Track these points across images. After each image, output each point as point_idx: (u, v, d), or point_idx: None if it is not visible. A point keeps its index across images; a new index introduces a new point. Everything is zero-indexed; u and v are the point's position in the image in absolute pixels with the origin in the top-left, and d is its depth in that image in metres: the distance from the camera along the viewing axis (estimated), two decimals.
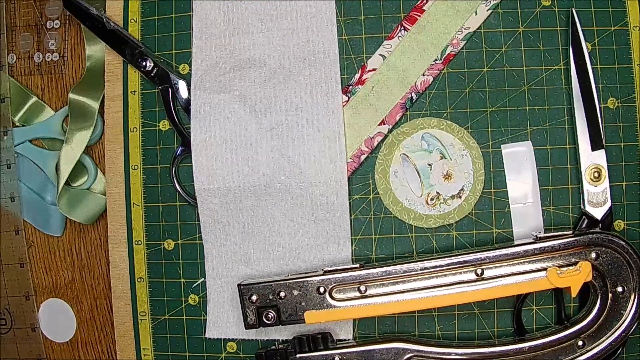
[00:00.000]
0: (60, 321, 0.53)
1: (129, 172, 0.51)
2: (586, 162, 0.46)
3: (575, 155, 0.47)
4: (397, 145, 0.48)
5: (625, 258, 0.43)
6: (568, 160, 0.47)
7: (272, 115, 0.48)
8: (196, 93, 0.49)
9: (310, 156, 0.47)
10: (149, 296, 0.50)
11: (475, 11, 0.47)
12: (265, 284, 0.45)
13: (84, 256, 0.53)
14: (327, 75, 0.48)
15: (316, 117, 0.48)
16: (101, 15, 0.49)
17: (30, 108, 0.53)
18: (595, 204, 0.46)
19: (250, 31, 0.49)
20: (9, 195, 0.52)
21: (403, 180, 0.48)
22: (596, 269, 0.43)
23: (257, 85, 0.48)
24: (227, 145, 0.48)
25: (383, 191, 0.48)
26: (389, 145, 0.48)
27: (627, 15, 0.47)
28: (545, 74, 0.47)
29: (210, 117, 0.49)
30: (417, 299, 0.44)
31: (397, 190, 0.48)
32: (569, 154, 0.47)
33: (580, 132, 0.45)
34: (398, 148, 0.48)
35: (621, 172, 0.47)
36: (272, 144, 0.48)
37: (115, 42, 0.50)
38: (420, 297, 0.44)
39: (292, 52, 0.48)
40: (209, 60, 0.49)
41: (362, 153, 0.48)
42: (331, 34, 0.48)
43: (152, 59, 0.49)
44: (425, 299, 0.43)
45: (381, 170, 0.48)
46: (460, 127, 0.48)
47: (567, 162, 0.47)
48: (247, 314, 0.45)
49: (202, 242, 0.49)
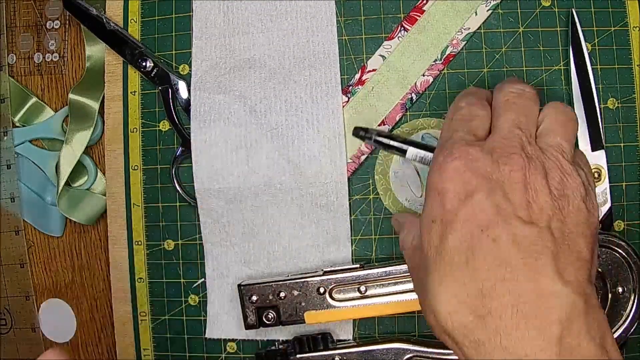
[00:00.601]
0: (60, 321, 0.53)
1: (129, 173, 0.51)
2: None
3: None
4: None
5: (625, 259, 0.43)
6: None
7: (272, 116, 0.48)
8: (196, 93, 0.49)
9: (311, 157, 0.47)
10: (149, 296, 0.50)
11: (475, 11, 0.47)
12: (266, 284, 0.45)
13: (84, 256, 0.53)
14: (327, 75, 0.48)
15: (316, 117, 0.48)
16: (101, 15, 0.49)
17: (30, 108, 0.53)
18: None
19: (250, 31, 0.49)
20: (9, 195, 0.52)
21: (403, 181, 0.48)
22: (596, 270, 0.43)
23: (257, 86, 0.48)
24: (227, 145, 0.48)
25: (383, 191, 0.48)
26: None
27: (627, 15, 0.47)
28: (545, 74, 0.47)
29: (210, 117, 0.49)
30: (418, 299, 0.44)
31: (397, 191, 0.48)
32: None
33: (580, 133, 0.45)
34: None
35: (621, 172, 0.47)
36: (272, 145, 0.48)
37: (115, 42, 0.50)
38: None
39: (292, 53, 0.48)
40: (209, 60, 0.49)
41: (362, 153, 0.48)
42: (331, 35, 0.48)
43: (152, 59, 0.49)
44: None
45: (381, 171, 0.48)
46: None
47: None
48: (247, 314, 0.45)
49: (202, 242, 0.49)
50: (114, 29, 0.49)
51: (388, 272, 0.44)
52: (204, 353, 0.50)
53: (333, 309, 0.45)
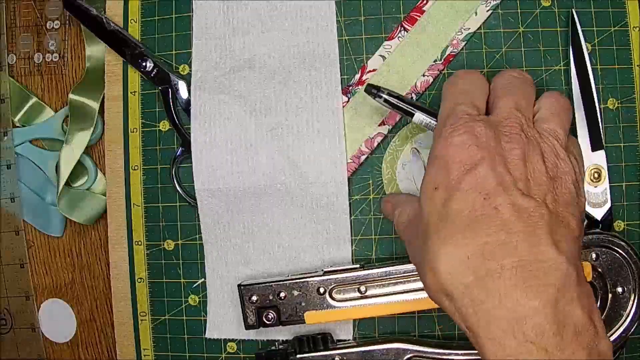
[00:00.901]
0: (60, 321, 0.53)
1: (129, 173, 0.51)
2: (586, 163, 0.46)
3: None
4: (411, 139, 0.48)
5: (625, 259, 0.43)
6: None
7: (272, 116, 0.48)
8: (196, 93, 0.49)
9: (311, 157, 0.47)
10: (149, 296, 0.50)
11: (475, 12, 0.47)
12: (266, 284, 0.45)
13: (84, 257, 0.53)
14: (327, 76, 0.48)
15: (316, 117, 0.48)
16: (101, 15, 0.49)
17: (30, 108, 0.53)
18: (595, 204, 0.46)
19: (250, 31, 0.49)
20: (9, 195, 0.52)
21: (409, 174, 0.48)
22: (596, 270, 0.43)
23: (257, 86, 0.48)
24: (228, 145, 0.48)
25: (387, 180, 0.48)
26: (403, 138, 0.48)
27: (627, 15, 0.47)
28: (545, 74, 0.47)
29: (210, 117, 0.49)
30: (418, 300, 0.44)
31: (402, 183, 0.48)
32: None
33: (580, 133, 0.45)
34: (411, 142, 0.48)
35: (621, 172, 0.47)
36: (272, 145, 0.48)
37: (115, 42, 0.50)
38: (421, 298, 0.44)
39: (292, 53, 0.48)
40: (209, 60, 0.49)
41: (362, 154, 0.48)
42: (331, 35, 0.48)
43: (152, 59, 0.49)
44: (425, 300, 0.43)
45: (390, 160, 0.48)
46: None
47: None
48: (247, 315, 0.45)
49: (202, 243, 0.49)
50: (114, 29, 0.49)
51: (388, 272, 0.44)
52: (204, 353, 0.50)
53: (333, 309, 0.45)
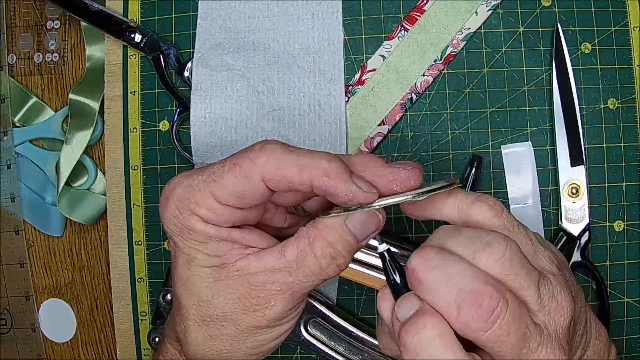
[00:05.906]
0: (60, 321, 0.53)
1: (129, 173, 0.51)
2: (564, 178, 0.46)
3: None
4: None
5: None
6: None
7: (274, 97, 0.48)
8: (198, 69, 0.49)
9: (311, 141, 0.47)
10: (149, 296, 0.50)
11: (475, 12, 0.47)
12: None
13: (84, 256, 0.53)
14: (331, 62, 0.48)
15: (318, 102, 0.47)
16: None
17: (30, 108, 0.53)
18: (572, 220, 0.46)
19: (256, 15, 0.49)
20: (9, 195, 0.52)
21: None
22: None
23: (260, 68, 0.48)
24: (227, 122, 0.48)
25: None
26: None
27: (627, 15, 0.47)
28: (545, 74, 0.47)
29: (211, 93, 0.48)
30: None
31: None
32: None
33: (560, 148, 0.46)
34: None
35: (621, 172, 0.47)
36: (273, 126, 0.48)
37: (101, 22, 0.50)
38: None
39: (296, 38, 0.48)
40: (212, 40, 0.49)
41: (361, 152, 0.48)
42: (336, 21, 0.48)
43: (139, 32, 0.49)
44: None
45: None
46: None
47: None
48: None
49: None
50: (98, 9, 0.49)
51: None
52: None
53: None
